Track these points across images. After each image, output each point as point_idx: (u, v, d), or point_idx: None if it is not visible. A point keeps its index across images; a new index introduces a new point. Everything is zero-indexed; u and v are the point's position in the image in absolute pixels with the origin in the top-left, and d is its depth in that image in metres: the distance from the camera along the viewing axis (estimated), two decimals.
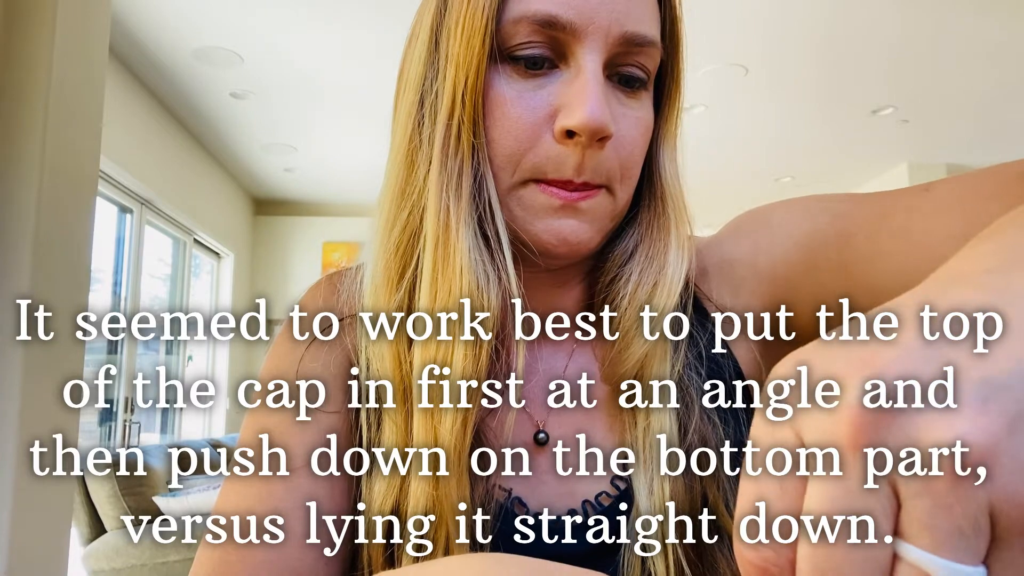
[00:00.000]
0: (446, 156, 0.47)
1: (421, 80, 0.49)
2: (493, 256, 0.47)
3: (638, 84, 0.49)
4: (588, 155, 0.46)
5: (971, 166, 5.17)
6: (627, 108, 0.48)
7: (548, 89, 0.46)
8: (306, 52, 3.51)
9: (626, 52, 0.47)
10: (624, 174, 0.48)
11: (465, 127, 0.46)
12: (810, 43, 3.45)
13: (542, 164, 0.46)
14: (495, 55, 0.47)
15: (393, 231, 0.49)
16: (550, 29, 0.45)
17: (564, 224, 0.47)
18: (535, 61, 0.46)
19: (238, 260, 5.70)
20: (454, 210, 0.46)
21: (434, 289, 0.46)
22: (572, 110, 0.45)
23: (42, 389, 1.94)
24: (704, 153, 4.80)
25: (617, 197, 0.49)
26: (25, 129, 1.95)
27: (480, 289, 0.45)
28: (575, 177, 0.46)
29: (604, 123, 0.44)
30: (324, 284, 0.57)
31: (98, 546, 3.06)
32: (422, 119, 0.49)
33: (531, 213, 0.47)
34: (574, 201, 0.46)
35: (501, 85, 0.47)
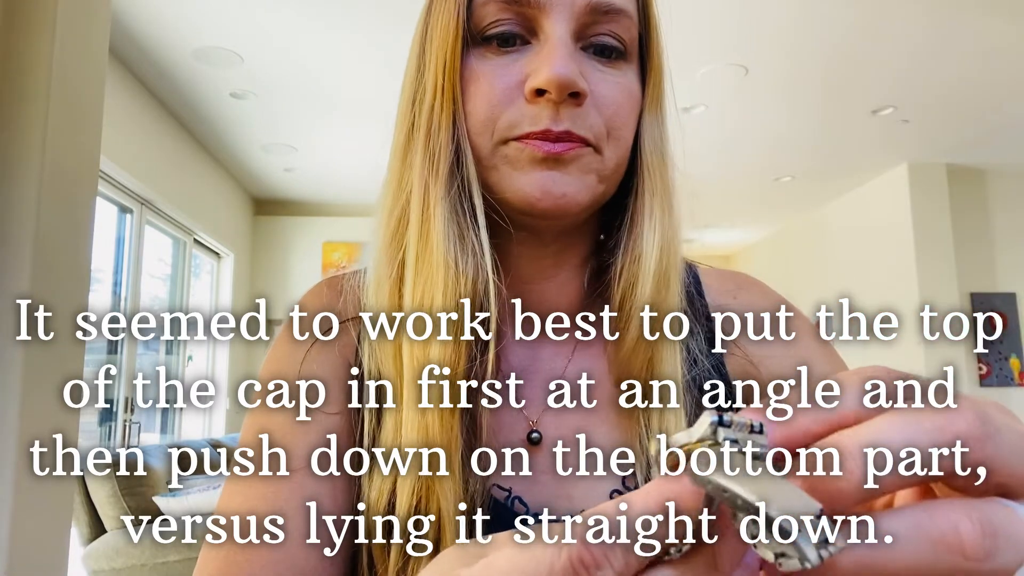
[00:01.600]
0: (428, 139, 0.49)
1: (413, 78, 0.51)
2: (469, 228, 0.47)
3: (615, 54, 0.49)
4: (563, 110, 0.46)
5: (971, 166, 5.17)
6: (605, 74, 0.49)
7: (520, 61, 0.48)
8: (306, 52, 3.51)
9: (595, 21, 0.48)
10: (611, 134, 0.49)
11: (445, 107, 0.48)
12: (810, 43, 3.45)
13: (517, 120, 0.47)
14: (470, 40, 0.49)
15: (388, 224, 0.51)
16: (516, 5, 0.47)
17: (547, 176, 0.47)
18: (506, 38, 0.48)
19: (238, 260, 5.70)
20: (432, 187, 0.48)
21: (417, 268, 0.47)
22: (539, 71, 0.46)
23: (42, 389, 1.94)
24: (704, 153, 4.80)
25: (605, 156, 0.49)
26: (25, 129, 1.95)
27: (456, 264, 0.46)
28: (553, 126, 0.46)
29: (570, 77, 0.45)
30: (324, 286, 0.58)
31: (98, 546, 3.06)
32: (414, 114, 0.51)
33: (515, 167, 0.48)
34: (557, 153, 0.47)
35: (476, 64, 0.49)
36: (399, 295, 0.49)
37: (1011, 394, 5.01)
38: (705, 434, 0.21)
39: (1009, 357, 5.03)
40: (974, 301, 5.06)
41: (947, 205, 5.04)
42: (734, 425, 0.21)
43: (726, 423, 0.21)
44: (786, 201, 6.04)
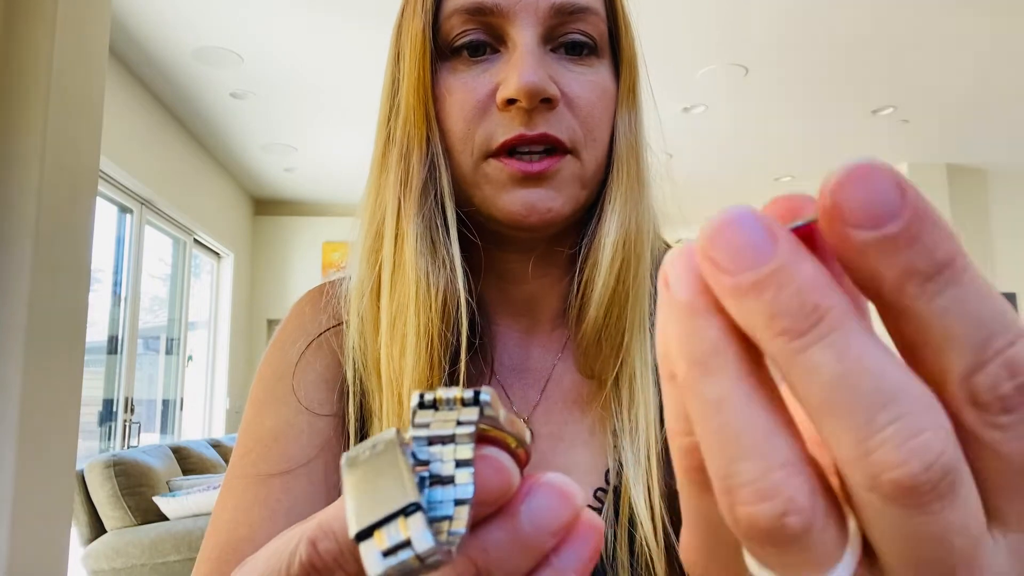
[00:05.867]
0: (402, 156, 0.49)
1: (388, 94, 0.52)
2: (441, 243, 0.48)
3: (586, 50, 0.49)
4: (536, 116, 0.46)
5: (971, 166, 5.17)
6: (577, 73, 0.49)
7: (490, 72, 0.48)
8: (306, 52, 3.51)
9: (562, 23, 0.48)
10: (588, 135, 0.49)
11: (417, 124, 0.48)
12: (810, 43, 3.45)
13: (492, 132, 0.47)
14: (440, 55, 0.49)
15: (366, 238, 0.51)
16: (481, 15, 0.47)
17: (531, 193, 0.47)
18: (475, 47, 0.48)
19: (238, 260, 5.70)
20: (404, 203, 0.48)
21: (392, 282, 0.48)
22: (508, 81, 0.46)
23: (42, 389, 1.94)
24: (704, 153, 4.80)
25: (584, 160, 0.49)
26: (25, 129, 1.95)
27: (428, 279, 0.47)
28: (526, 131, 0.46)
29: (539, 84, 0.45)
30: (313, 294, 0.58)
31: (98, 546, 3.06)
32: (390, 130, 0.51)
33: (498, 187, 0.48)
34: (537, 172, 0.47)
35: (447, 78, 0.49)
36: (377, 307, 0.49)
37: None
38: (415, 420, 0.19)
39: None
40: None
41: (947, 205, 5.04)
42: (440, 403, 0.19)
43: (427, 404, 0.19)
44: None
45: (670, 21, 3.13)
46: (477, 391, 0.19)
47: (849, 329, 0.15)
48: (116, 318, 4.07)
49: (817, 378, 0.15)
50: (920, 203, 0.15)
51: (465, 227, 0.50)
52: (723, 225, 0.16)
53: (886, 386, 0.14)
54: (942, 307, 0.15)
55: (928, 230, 0.15)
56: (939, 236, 0.15)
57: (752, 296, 0.15)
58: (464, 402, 0.19)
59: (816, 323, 0.15)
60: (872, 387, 0.14)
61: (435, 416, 0.19)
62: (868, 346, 0.15)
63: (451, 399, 0.19)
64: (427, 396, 0.19)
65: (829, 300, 0.15)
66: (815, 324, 0.15)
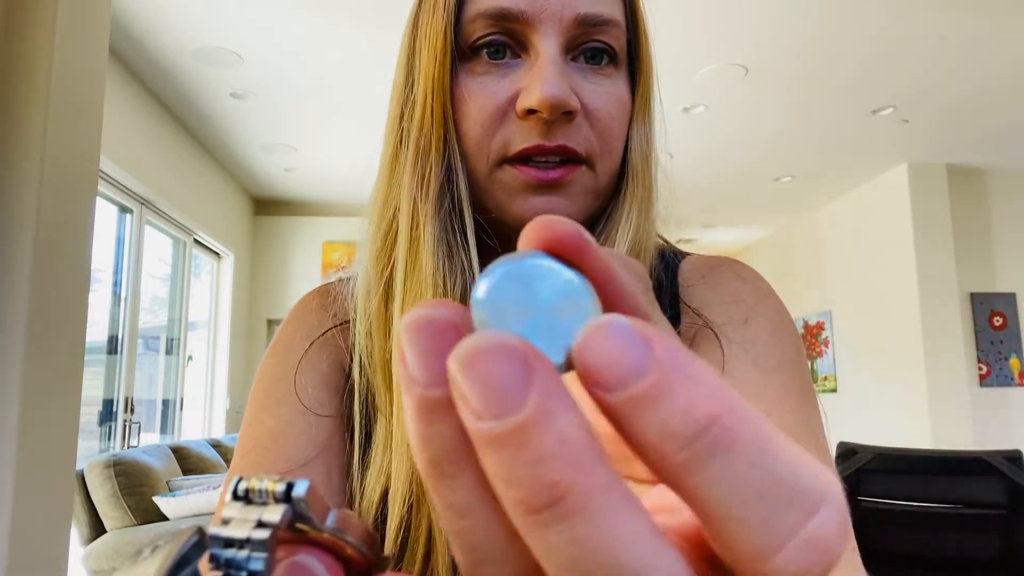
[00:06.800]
0: (418, 156, 0.48)
1: (401, 91, 0.51)
2: (458, 247, 0.48)
3: (605, 59, 0.49)
4: (555, 127, 0.46)
5: (971, 166, 5.17)
6: (596, 84, 0.49)
7: (510, 77, 0.48)
8: (306, 52, 3.51)
9: (584, 33, 0.48)
10: (604, 147, 0.49)
11: (435, 125, 0.48)
12: (810, 43, 3.45)
13: (510, 139, 0.47)
14: (459, 55, 0.48)
15: (375, 239, 0.51)
16: (504, 21, 0.47)
17: (544, 201, 0.47)
18: (495, 49, 0.48)
19: (238, 260, 5.70)
20: (421, 206, 0.48)
21: (406, 285, 0.47)
22: (530, 90, 0.46)
23: (42, 389, 1.94)
24: (704, 153, 4.80)
25: (598, 172, 0.49)
26: (25, 129, 1.95)
27: (445, 283, 0.46)
28: (545, 141, 0.46)
29: (561, 97, 0.45)
30: (313, 295, 0.58)
31: (98, 546, 3.06)
32: (403, 130, 0.50)
33: (511, 195, 0.48)
34: (552, 180, 0.47)
35: (466, 80, 0.48)
36: (386, 309, 0.49)
37: (1011, 394, 5.01)
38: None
39: (1009, 357, 5.03)
40: (974, 301, 5.06)
41: (947, 205, 5.04)
42: (253, 494, 0.17)
43: (239, 494, 0.17)
44: (786, 201, 6.04)
45: (670, 21, 3.13)
46: (291, 484, 0.17)
47: (592, 513, 0.12)
48: (116, 318, 4.07)
49: (553, 558, 0.13)
50: (672, 356, 0.13)
51: (483, 232, 0.49)
52: (481, 353, 0.13)
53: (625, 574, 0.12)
54: (710, 478, 0.13)
55: (681, 386, 0.13)
56: (697, 392, 0.13)
57: (491, 449, 0.13)
58: (276, 497, 0.16)
59: (553, 503, 0.12)
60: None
61: (240, 512, 0.17)
62: (615, 530, 0.12)
63: (264, 490, 0.17)
64: (241, 485, 0.17)
65: (573, 475, 0.12)
66: (551, 504, 0.12)
